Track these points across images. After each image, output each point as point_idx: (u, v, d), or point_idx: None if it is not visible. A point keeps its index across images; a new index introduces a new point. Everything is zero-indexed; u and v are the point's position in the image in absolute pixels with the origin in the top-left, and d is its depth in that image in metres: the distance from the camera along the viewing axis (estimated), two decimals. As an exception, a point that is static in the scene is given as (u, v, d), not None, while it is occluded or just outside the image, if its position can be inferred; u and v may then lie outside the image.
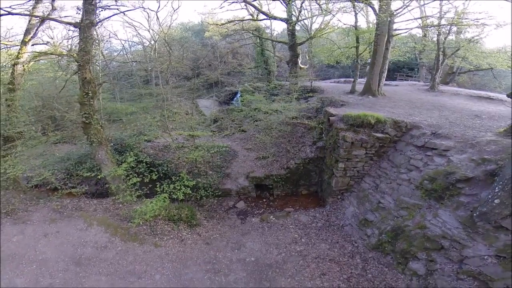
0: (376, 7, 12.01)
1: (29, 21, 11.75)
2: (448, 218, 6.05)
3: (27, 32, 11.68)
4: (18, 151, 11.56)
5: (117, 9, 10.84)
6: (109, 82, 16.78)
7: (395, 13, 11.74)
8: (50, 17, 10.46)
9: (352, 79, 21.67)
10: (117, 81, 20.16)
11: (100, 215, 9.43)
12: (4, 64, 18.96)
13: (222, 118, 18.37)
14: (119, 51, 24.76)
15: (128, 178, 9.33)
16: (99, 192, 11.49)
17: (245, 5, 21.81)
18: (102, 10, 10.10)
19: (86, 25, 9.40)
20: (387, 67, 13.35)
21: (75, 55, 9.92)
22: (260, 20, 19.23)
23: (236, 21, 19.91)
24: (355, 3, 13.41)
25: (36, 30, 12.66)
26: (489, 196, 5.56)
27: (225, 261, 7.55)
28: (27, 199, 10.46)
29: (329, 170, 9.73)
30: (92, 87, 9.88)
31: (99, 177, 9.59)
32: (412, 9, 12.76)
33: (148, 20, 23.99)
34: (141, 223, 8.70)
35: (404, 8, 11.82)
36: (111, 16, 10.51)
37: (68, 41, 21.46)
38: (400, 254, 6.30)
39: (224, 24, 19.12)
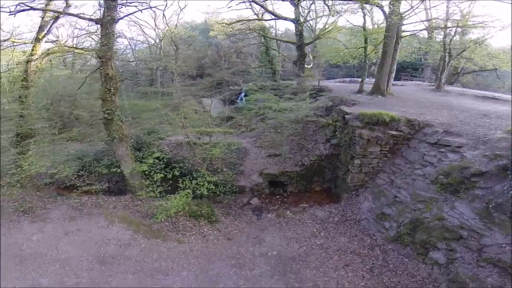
0: (386, 9, 12.50)
1: (43, 18, 11.90)
2: (464, 209, 6.50)
3: (40, 29, 11.82)
4: (32, 148, 11.78)
5: (136, 6, 11.11)
6: (130, 79, 16.94)
7: (404, 16, 12.23)
8: (73, 13, 10.62)
9: (357, 79, 22.28)
10: (139, 78, 20.35)
11: (121, 212, 9.48)
12: (13, 61, 19.07)
13: (232, 117, 18.75)
14: (123, 50, 24.97)
15: (150, 174, 9.60)
16: (116, 189, 11.75)
17: (250, 4, 22.27)
18: (121, 7, 10.31)
19: (107, 21, 9.56)
20: (395, 68, 13.86)
21: (97, 51, 10.10)
22: (268, 20, 19.66)
23: (244, 21, 20.31)
24: (364, 4, 13.92)
25: (50, 27, 12.89)
26: (504, 188, 6.02)
27: (248, 256, 7.80)
28: (44, 197, 10.50)
29: (344, 167, 10.16)
30: (114, 83, 10.05)
31: (126, 172, 9.82)
32: (420, 11, 13.27)
33: (154, 19, 24.21)
34: (162, 219, 8.86)
35: (412, 11, 12.33)
36: (131, 13, 10.72)
37: (73, 40, 21.67)
38: (420, 245, 6.73)
39: (233, 23, 19.47)
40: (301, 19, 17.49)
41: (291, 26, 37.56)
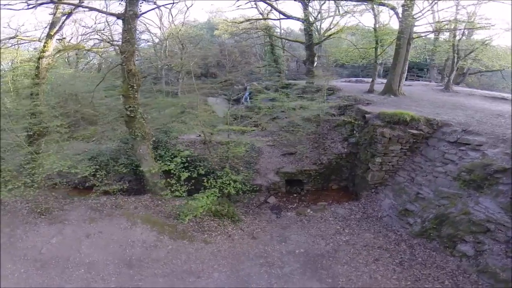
0: (399, 11, 12.96)
1: (54, 14, 11.88)
2: (489, 204, 6.93)
3: (52, 25, 11.88)
4: (43, 147, 11.78)
5: (154, 2, 11.20)
6: (153, 75, 16.95)
7: (416, 18, 12.71)
8: (94, 7, 10.65)
9: (363, 79, 22.80)
10: (161, 75, 20.37)
11: (143, 213, 9.41)
12: (17, 59, 18.97)
13: (240, 116, 18.99)
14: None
15: (174, 173, 9.75)
16: (133, 189, 11.88)
17: (255, 3, 22.62)
18: (142, 3, 10.30)
19: (130, 16, 9.56)
20: (406, 68, 14.34)
21: (119, 46, 10.11)
22: (276, 19, 20.00)
23: (253, 20, 20.62)
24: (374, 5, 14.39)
25: (62, 23, 12.90)
26: (529, 184, 6.45)
27: (276, 254, 7.96)
28: (59, 198, 10.41)
29: (363, 165, 10.54)
30: (137, 80, 10.06)
31: (147, 171, 9.95)
32: (429, 14, 13.75)
33: (160, 18, 24.31)
34: (187, 219, 8.83)
35: (422, 14, 12.82)
36: (151, 9, 10.78)
37: (77, 38, 21.62)
38: (447, 239, 7.13)
39: (242, 22, 19.77)
40: (311, 19, 17.86)
41: (294, 26, 38.16)
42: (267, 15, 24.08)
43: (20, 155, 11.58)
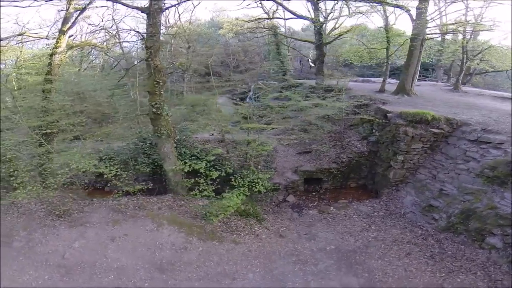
0: (412, 12, 13.50)
1: (67, 9, 11.76)
2: (515, 199, 7.43)
3: (65, 21, 11.92)
4: (55, 147, 11.74)
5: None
6: (179, 72, 16.90)
7: (429, 20, 13.28)
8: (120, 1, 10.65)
9: (370, 78, 23.40)
10: (187, 72, 20.34)
11: (168, 214, 9.35)
12: (21, 57, 18.81)
13: (254, 115, 19.27)
14: (131, 46, 25.03)
15: (202, 173, 9.91)
16: (151, 189, 11.97)
17: (261, 3, 23.01)
18: None
19: (155, 10, 9.50)
20: (419, 69, 14.92)
21: (145, 41, 9.95)
22: (287, 19, 20.39)
23: (262, 19, 20.97)
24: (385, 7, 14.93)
25: (76, 19, 12.89)
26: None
27: (307, 252, 8.17)
28: (77, 199, 10.25)
29: (384, 163, 10.99)
30: (162, 76, 10.00)
31: (169, 170, 10.11)
32: (440, 16, 14.30)
33: (167, 16, 24.39)
34: (217, 220, 8.88)
35: (438, 15, 13.37)
36: (174, 5, 10.77)
37: (84, 36, 21.56)
38: (475, 232, 7.61)
39: (252, 21, 20.09)
40: (321, 19, 18.31)
41: (295, 26, 38.66)
42: (273, 14, 24.49)
43: (35, 154, 11.53)
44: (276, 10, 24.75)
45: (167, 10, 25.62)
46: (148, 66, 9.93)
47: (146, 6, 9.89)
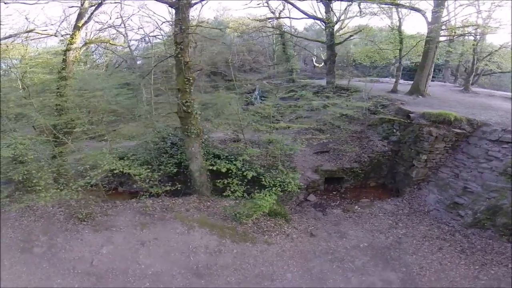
0: (428, 15, 14.17)
1: (82, 4, 11.92)
2: (540, 196, 8.08)
3: (79, 16, 12.03)
4: (69, 146, 11.72)
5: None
6: (207, 69, 16.82)
7: (444, 22, 13.96)
8: None
9: (378, 78, 24.11)
10: (216, 69, 20.43)
11: (198, 216, 9.34)
12: (25, 56, 18.77)
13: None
14: (137, 45, 25.10)
15: (233, 173, 10.10)
16: (175, 190, 12.14)
17: (267, 2, 23.52)
18: None
19: (184, 5, 9.48)
20: (432, 69, 15.62)
21: (174, 36, 9.73)
22: (299, 18, 20.82)
23: (272, 18, 21.41)
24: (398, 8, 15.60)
25: (92, 14, 12.88)
26: None
27: (341, 250, 8.45)
28: (100, 201, 10.12)
29: (406, 163, 11.57)
30: (192, 73, 9.99)
31: (196, 171, 10.31)
32: (453, 19, 15.00)
33: (171, 14, 24.54)
34: (245, 221, 9.01)
35: (453, 17, 14.08)
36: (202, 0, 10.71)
37: (91, 34, 21.57)
38: (503, 227, 8.22)
39: (263, 20, 20.52)
40: (333, 19, 18.87)
41: (298, 25, 39.29)
42: (279, 14, 24.99)
43: (54, 154, 11.48)
44: (283, 9, 25.34)
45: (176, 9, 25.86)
46: (178, 62, 9.75)
47: (174, 0, 9.82)
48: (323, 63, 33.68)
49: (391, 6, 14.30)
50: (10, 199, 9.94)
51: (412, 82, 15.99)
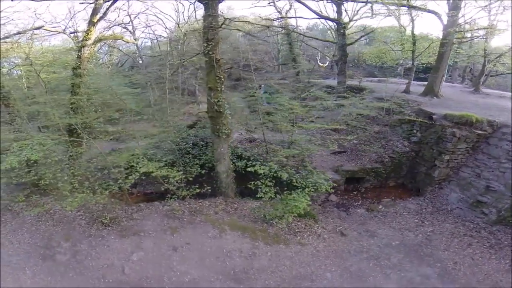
0: (444, 18, 14.89)
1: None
2: (562, 194, 8.78)
3: (94, 12, 12.04)
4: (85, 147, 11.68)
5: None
6: (237, 67, 16.88)
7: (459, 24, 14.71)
8: None
9: (385, 79, 24.88)
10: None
11: (227, 218, 9.53)
12: (29, 55, 18.74)
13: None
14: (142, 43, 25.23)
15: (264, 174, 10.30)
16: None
17: (273, 2, 24.10)
18: None
19: (213, 1, 9.50)
20: (446, 71, 16.37)
21: (204, 32, 9.68)
22: (311, 18, 21.32)
23: (281, 18, 21.89)
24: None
25: (107, 9, 12.89)
26: None
27: (374, 248, 8.85)
28: (125, 205, 10.05)
29: (427, 163, 12.20)
30: (222, 71, 9.95)
31: (223, 172, 10.55)
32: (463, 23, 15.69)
33: (178, 13, 24.83)
34: (284, 222, 9.26)
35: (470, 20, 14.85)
36: None
37: (99, 30, 21.66)
38: (528, 224, 8.90)
39: (275, 20, 20.99)
40: (345, 20, 19.49)
41: (302, 25, 39.87)
42: (286, 14, 25.54)
43: (72, 155, 11.44)
44: (289, 9, 25.90)
45: (183, 6, 26.10)
46: (210, 60, 9.69)
47: None
48: (327, 63, 34.49)
49: (406, 8, 14.93)
50: (26, 203, 9.95)
51: (420, 82, 16.74)
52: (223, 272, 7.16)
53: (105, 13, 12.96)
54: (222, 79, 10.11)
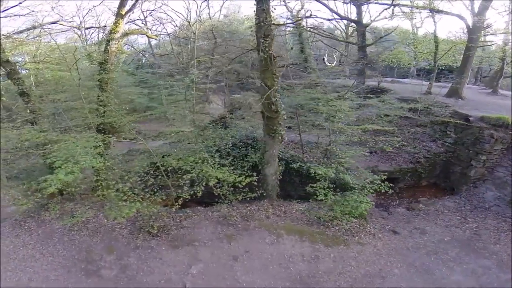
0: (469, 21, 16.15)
1: None
2: None
3: (121, 4, 12.21)
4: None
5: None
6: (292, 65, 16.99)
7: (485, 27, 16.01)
8: None
9: (399, 79, 26.25)
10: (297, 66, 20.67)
11: (281, 222, 9.75)
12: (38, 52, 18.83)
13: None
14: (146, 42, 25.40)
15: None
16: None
17: (284, 1, 25.06)
18: None
19: None
20: (469, 73, 17.69)
21: (257, 28, 9.69)
22: (330, 19, 22.28)
23: (298, 19, 22.71)
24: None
25: (136, 1, 13.12)
26: None
27: (430, 244, 9.57)
28: (167, 212, 9.70)
29: (462, 163, 13.30)
30: (276, 69, 10.11)
31: (271, 174, 10.99)
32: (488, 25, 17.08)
33: (189, 11, 25.15)
34: (331, 224, 9.75)
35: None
36: None
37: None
38: None
39: (297, 21, 21.74)
40: (365, 21, 20.56)
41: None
42: (298, 13, 26.47)
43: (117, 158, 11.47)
44: (300, 9, 26.81)
45: (196, 5, 26.36)
46: (267, 57, 9.72)
47: None
48: (335, 62, 35.64)
49: (428, 11, 16.08)
50: (60, 211, 9.49)
51: (436, 83, 17.84)
52: (289, 279, 7.26)
53: (133, 5, 13.07)
54: (278, 77, 10.33)
